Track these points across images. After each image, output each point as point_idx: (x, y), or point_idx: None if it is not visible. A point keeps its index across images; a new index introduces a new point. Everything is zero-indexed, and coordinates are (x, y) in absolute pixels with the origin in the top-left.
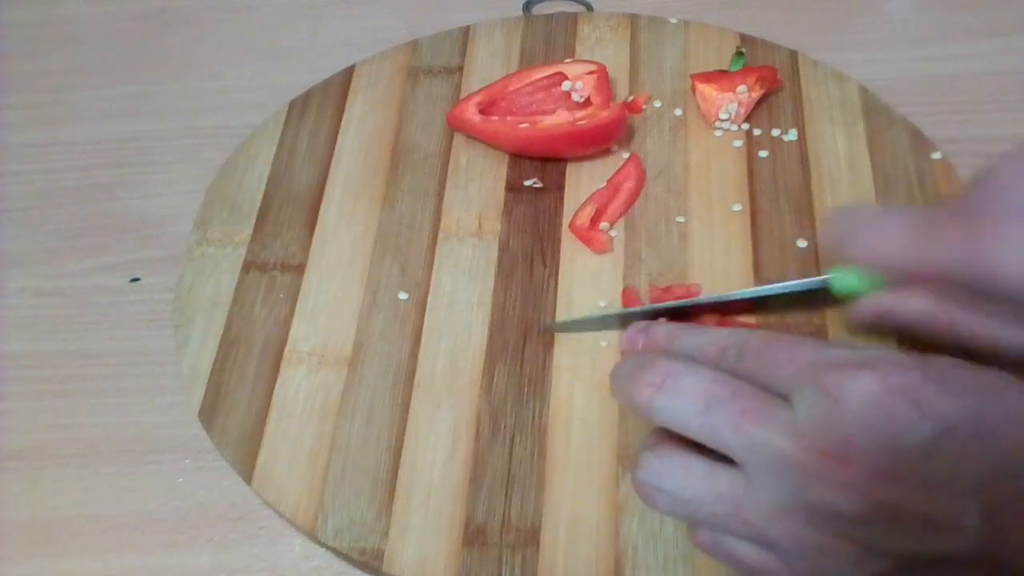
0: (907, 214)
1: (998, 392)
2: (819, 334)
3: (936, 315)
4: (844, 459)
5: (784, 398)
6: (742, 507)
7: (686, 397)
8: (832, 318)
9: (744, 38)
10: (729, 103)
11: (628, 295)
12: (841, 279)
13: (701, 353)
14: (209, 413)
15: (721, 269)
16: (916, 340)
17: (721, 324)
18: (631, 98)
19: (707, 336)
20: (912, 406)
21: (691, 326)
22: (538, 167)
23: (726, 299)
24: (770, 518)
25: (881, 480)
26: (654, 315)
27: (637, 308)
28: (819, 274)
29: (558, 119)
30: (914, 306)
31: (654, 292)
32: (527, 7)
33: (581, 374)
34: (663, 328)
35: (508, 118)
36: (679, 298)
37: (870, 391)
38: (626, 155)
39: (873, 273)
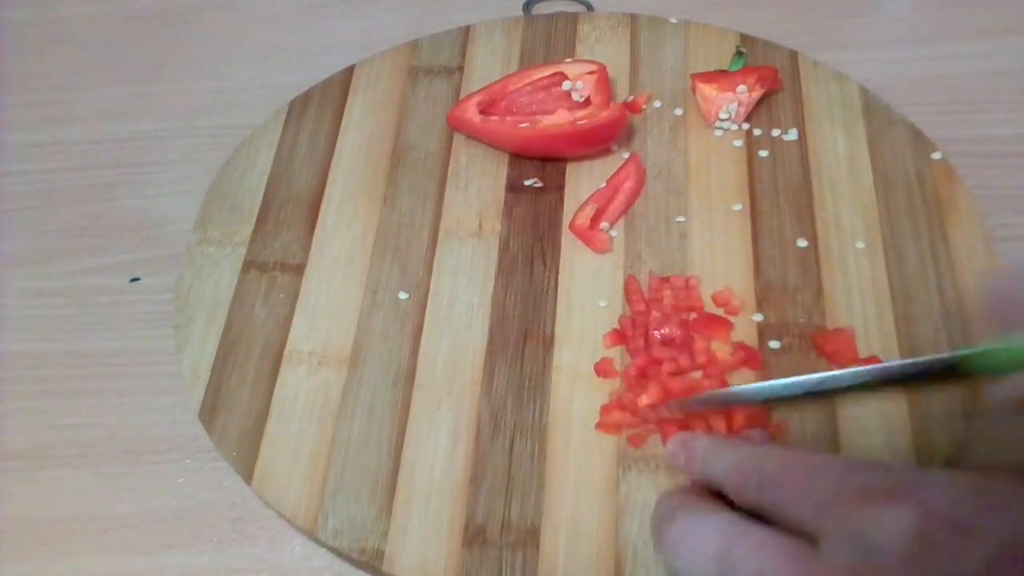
0: None
1: None
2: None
3: None
4: None
5: (811, 537)
6: None
7: (702, 558)
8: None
9: (744, 38)
10: (729, 103)
11: (631, 285)
12: (1006, 352)
13: (727, 480)
14: (209, 413)
15: (721, 268)
16: None
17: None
18: (631, 98)
19: (732, 457)
20: (958, 533)
21: (725, 444)
22: (538, 167)
23: (865, 374)
24: None
25: None
26: (792, 394)
27: (768, 384)
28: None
29: (558, 119)
30: None
31: (653, 282)
32: (527, 7)
33: (581, 374)
34: (701, 445)
35: (508, 118)
36: (677, 289)
37: (907, 523)
38: (626, 155)
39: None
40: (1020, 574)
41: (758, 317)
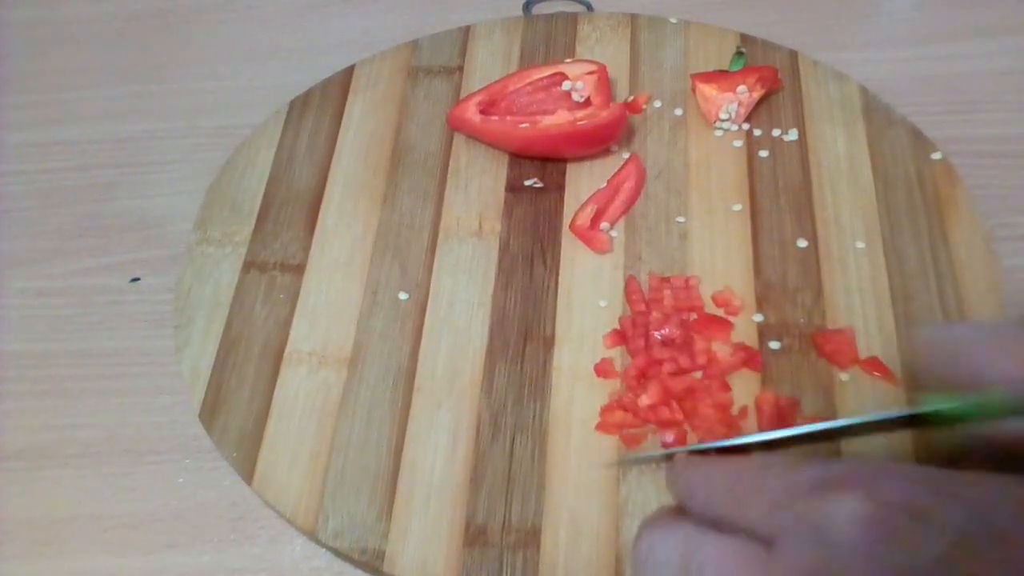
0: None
1: (999, 491)
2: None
3: None
4: None
5: (767, 539)
6: None
7: (666, 572)
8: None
9: (744, 38)
10: (729, 103)
11: (631, 286)
12: (948, 405)
13: (686, 496)
14: (209, 413)
15: (721, 269)
16: None
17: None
18: (631, 98)
19: (690, 472)
20: (915, 519)
21: (689, 461)
22: (538, 167)
23: (810, 430)
24: None
25: None
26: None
27: (705, 444)
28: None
29: (558, 119)
30: None
31: (653, 282)
32: (527, 7)
33: (581, 374)
34: (679, 463)
35: (508, 118)
36: (678, 289)
37: (861, 511)
38: (626, 155)
39: (988, 396)
40: (978, 561)
41: (758, 318)
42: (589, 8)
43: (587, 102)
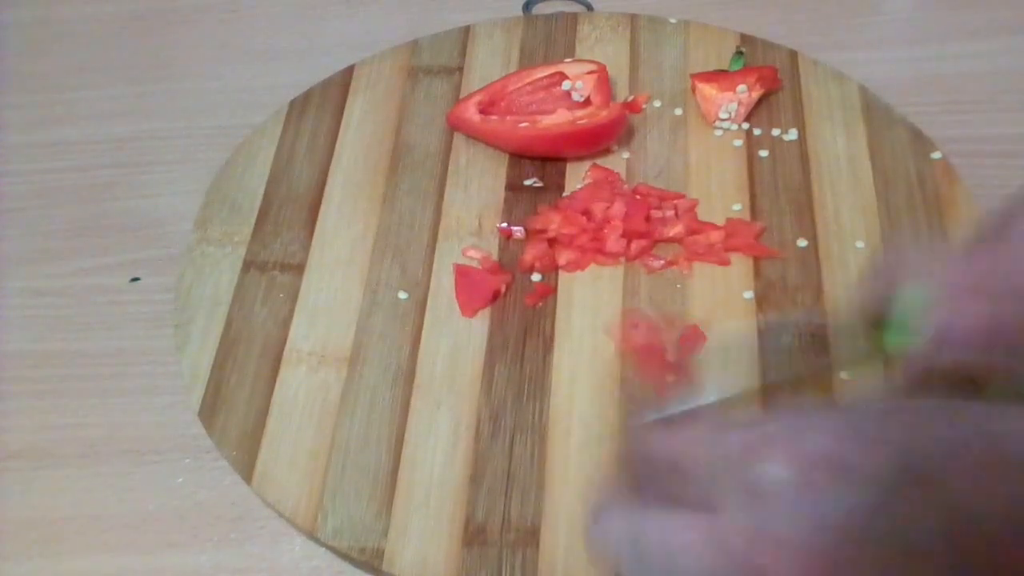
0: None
1: (922, 428)
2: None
3: (997, 325)
4: (787, 567)
5: (711, 509)
6: None
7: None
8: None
9: (744, 38)
10: (729, 103)
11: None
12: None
13: (631, 475)
14: (209, 413)
15: (721, 269)
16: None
17: None
18: (631, 98)
19: (631, 450)
20: (835, 476)
21: (637, 436)
22: (538, 166)
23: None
24: None
25: (834, 573)
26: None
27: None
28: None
29: (558, 119)
30: (974, 314)
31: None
32: (527, 7)
33: (581, 374)
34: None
35: (508, 118)
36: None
37: (786, 473)
38: (626, 155)
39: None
40: (902, 506)
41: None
42: (589, 8)
43: (587, 102)
